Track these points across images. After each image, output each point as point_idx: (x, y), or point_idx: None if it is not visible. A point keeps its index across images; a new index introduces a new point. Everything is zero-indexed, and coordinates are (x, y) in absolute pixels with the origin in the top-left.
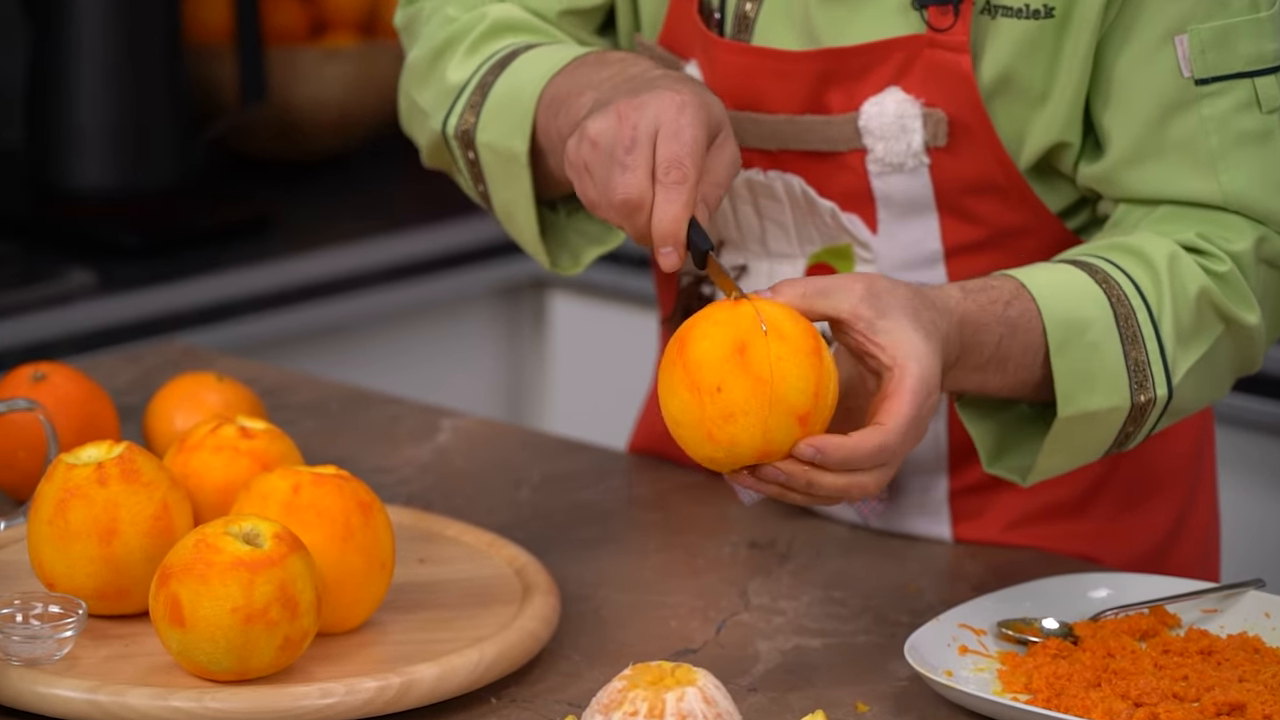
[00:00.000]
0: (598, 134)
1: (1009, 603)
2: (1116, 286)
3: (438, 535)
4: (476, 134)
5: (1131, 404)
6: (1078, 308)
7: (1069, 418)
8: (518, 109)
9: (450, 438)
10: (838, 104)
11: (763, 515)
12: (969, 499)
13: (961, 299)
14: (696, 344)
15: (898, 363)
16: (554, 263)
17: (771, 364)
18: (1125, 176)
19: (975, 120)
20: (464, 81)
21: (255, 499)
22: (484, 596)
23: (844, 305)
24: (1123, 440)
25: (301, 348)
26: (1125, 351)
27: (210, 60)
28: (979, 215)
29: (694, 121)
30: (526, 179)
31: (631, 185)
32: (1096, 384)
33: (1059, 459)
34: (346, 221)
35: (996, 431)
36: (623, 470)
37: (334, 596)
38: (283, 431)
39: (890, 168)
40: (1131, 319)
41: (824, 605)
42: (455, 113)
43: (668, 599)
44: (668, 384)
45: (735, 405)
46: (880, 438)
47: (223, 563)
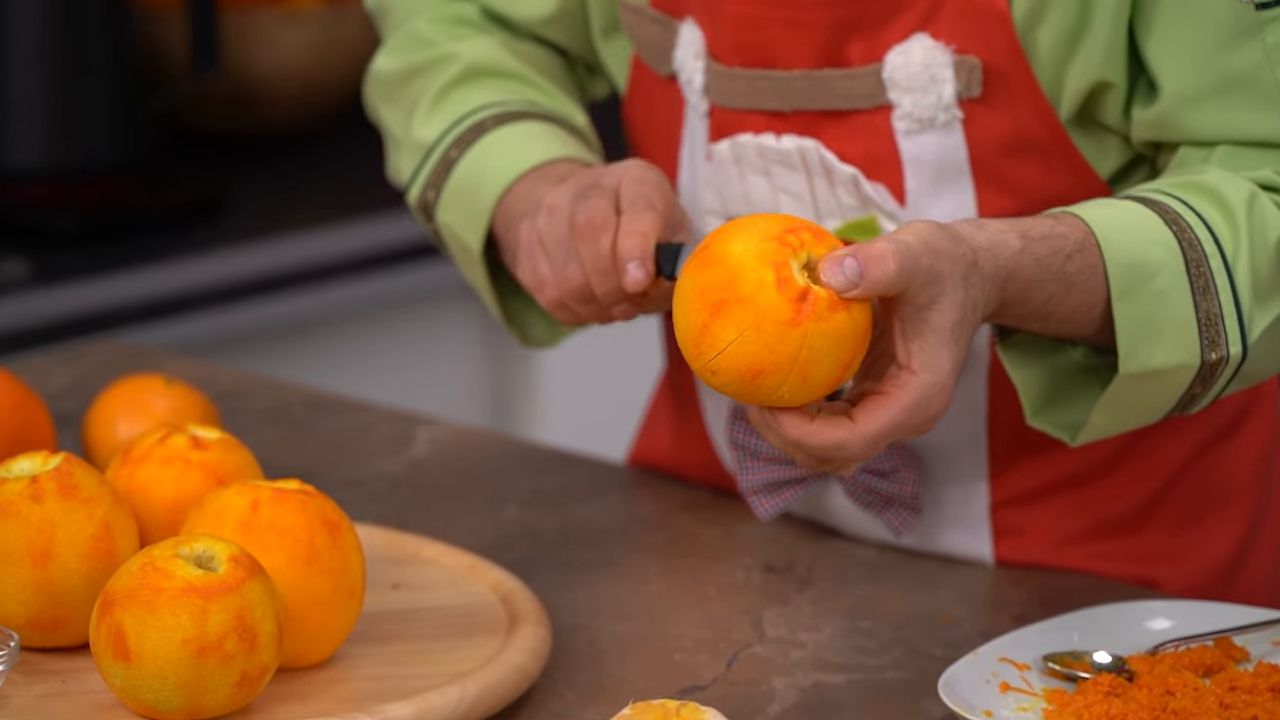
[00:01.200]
0: (557, 199)
1: (1056, 634)
2: (1188, 229)
3: (413, 558)
4: (436, 212)
5: (1201, 361)
6: (1144, 251)
7: (1131, 374)
8: (475, 205)
9: (427, 448)
10: (858, 55)
11: (779, 536)
12: (1012, 512)
13: (1018, 251)
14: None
15: (911, 365)
16: (526, 338)
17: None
18: (1183, 117)
19: (1012, 66)
20: (430, 144)
21: (209, 517)
22: (465, 626)
23: (906, 289)
24: (1187, 402)
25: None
26: (1196, 302)
27: (157, 24)
28: (1018, 182)
29: (659, 179)
30: (482, 274)
31: (593, 208)
32: (1163, 337)
33: (1114, 417)
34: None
35: (1044, 380)
36: (621, 485)
37: (297, 626)
38: (239, 441)
39: (920, 124)
40: (1204, 265)
41: (848, 637)
42: (417, 183)
43: (672, 630)
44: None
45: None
46: (842, 435)
47: (172, 589)
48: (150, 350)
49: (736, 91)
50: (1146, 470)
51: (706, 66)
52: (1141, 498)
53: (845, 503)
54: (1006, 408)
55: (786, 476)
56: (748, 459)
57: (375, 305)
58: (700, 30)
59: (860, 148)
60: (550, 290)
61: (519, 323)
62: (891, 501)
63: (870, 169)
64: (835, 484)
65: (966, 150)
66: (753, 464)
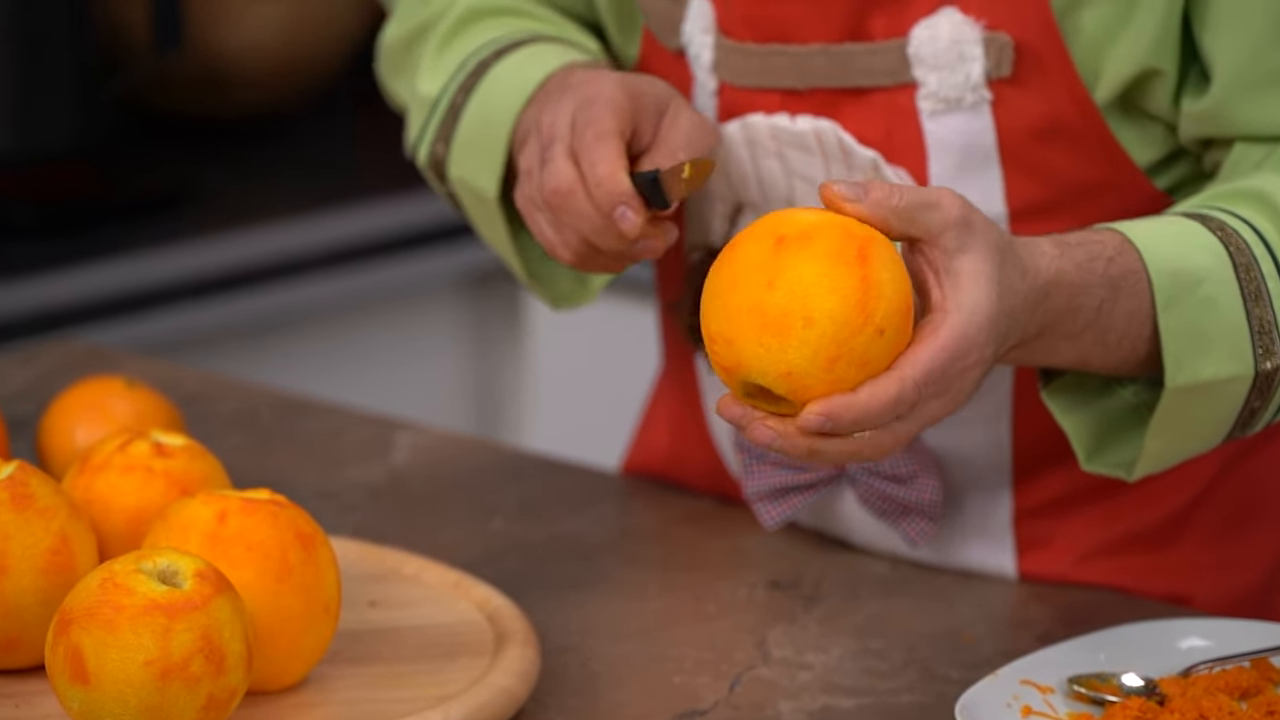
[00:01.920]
0: (527, 161)
1: (1082, 654)
2: (1235, 235)
3: (392, 573)
4: (448, 166)
5: (1256, 372)
6: (1187, 256)
7: (1180, 389)
8: (489, 145)
9: (407, 456)
10: (882, 29)
11: (785, 549)
12: (1037, 523)
13: (1056, 256)
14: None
15: (945, 306)
16: (554, 295)
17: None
18: (1238, 109)
19: (1046, 45)
20: (435, 97)
21: (173, 530)
22: (448, 647)
23: (932, 227)
24: (1247, 419)
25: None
26: (1247, 309)
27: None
28: (1049, 168)
29: (609, 87)
30: (500, 221)
31: (554, 172)
32: (1213, 346)
33: (1169, 442)
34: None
35: (1094, 423)
36: (616, 495)
37: (268, 647)
38: (205, 448)
39: (946, 104)
40: (1254, 269)
41: (859, 658)
42: (426, 140)
43: (671, 650)
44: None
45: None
46: (895, 389)
47: (134, 607)
48: (111, 350)
49: (748, 69)
50: (1179, 479)
51: (716, 42)
52: (1174, 508)
53: (856, 511)
54: (1032, 412)
55: (795, 482)
56: (754, 463)
57: (352, 302)
58: (710, 3)
59: (881, 129)
60: (562, 252)
61: (544, 281)
62: (909, 510)
63: (891, 152)
64: (846, 491)
65: (995, 134)
66: (759, 468)
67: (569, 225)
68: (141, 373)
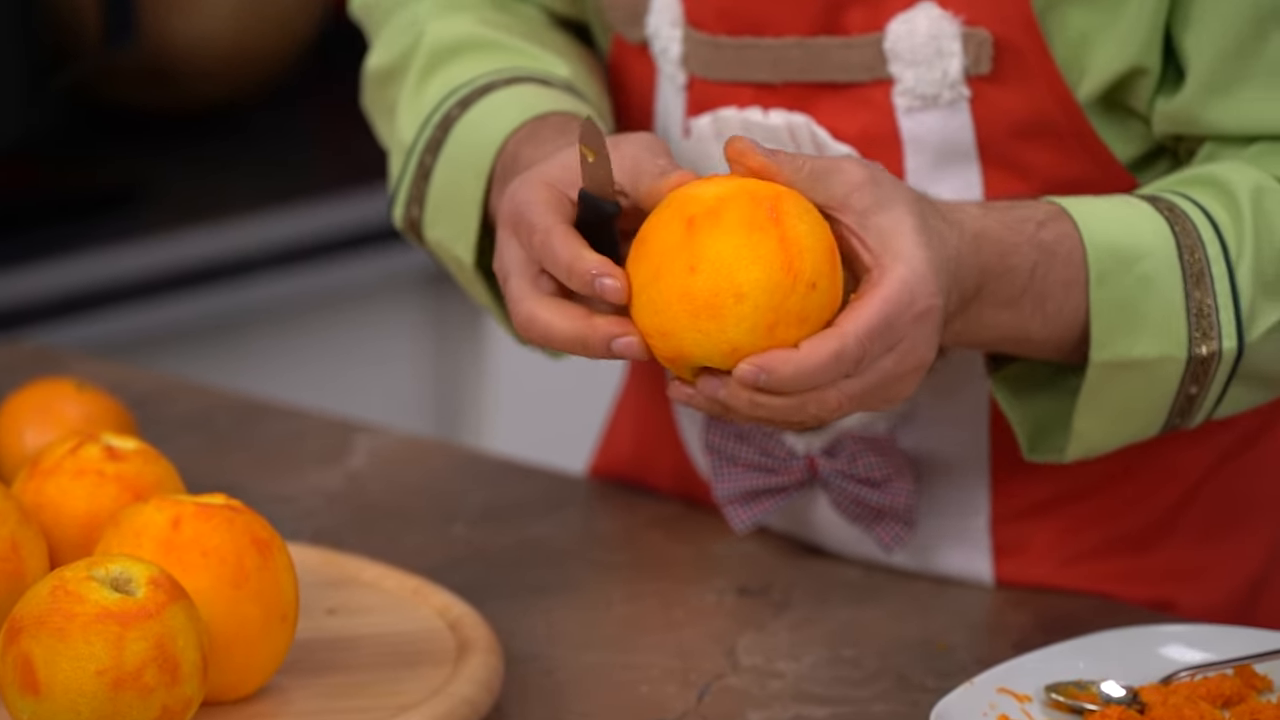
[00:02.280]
0: (501, 242)
1: (1060, 662)
2: (1184, 216)
3: (351, 580)
4: (424, 230)
5: (1189, 355)
6: (1128, 233)
7: (1107, 363)
8: (460, 209)
9: (366, 459)
10: (858, 22)
11: (755, 555)
12: (1015, 527)
13: (980, 215)
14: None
15: (880, 262)
16: (553, 353)
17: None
18: (1210, 108)
19: (1027, 41)
20: (409, 146)
21: (126, 535)
22: (409, 656)
23: (837, 192)
24: (1184, 406)
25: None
26: (1187, 291)
27: None
28: (1029, 166)
29: (533, 195)
30: (481, 287)
31: (519, 314)
32: (1145, 325)
33: (1101, 423)
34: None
35: (1037, 415)
36: (581, 500)
37: (224, 656)
38: (158, 452)
39: (922, 101)
40: (1199, 252)
41: (831, 666)
42: (399, 201)
43: (637, 659)
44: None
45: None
46: (836, 344)
47: (86, 615)
48: (60, 352)
49: (720, 62)
50: (1162, 481)
51: (685, 35)
52: (1156, 512)
53: (829, 515)
54: None
55: (765, 484)
56: (724, 465)
57: (309, 301)
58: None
59: (856, 125)
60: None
61: None
62: (882, 514)
63: (866, 148)
64: (818, 494)
65: (973, 131)
66: (729, 470)
67: None
68: (92, 374)
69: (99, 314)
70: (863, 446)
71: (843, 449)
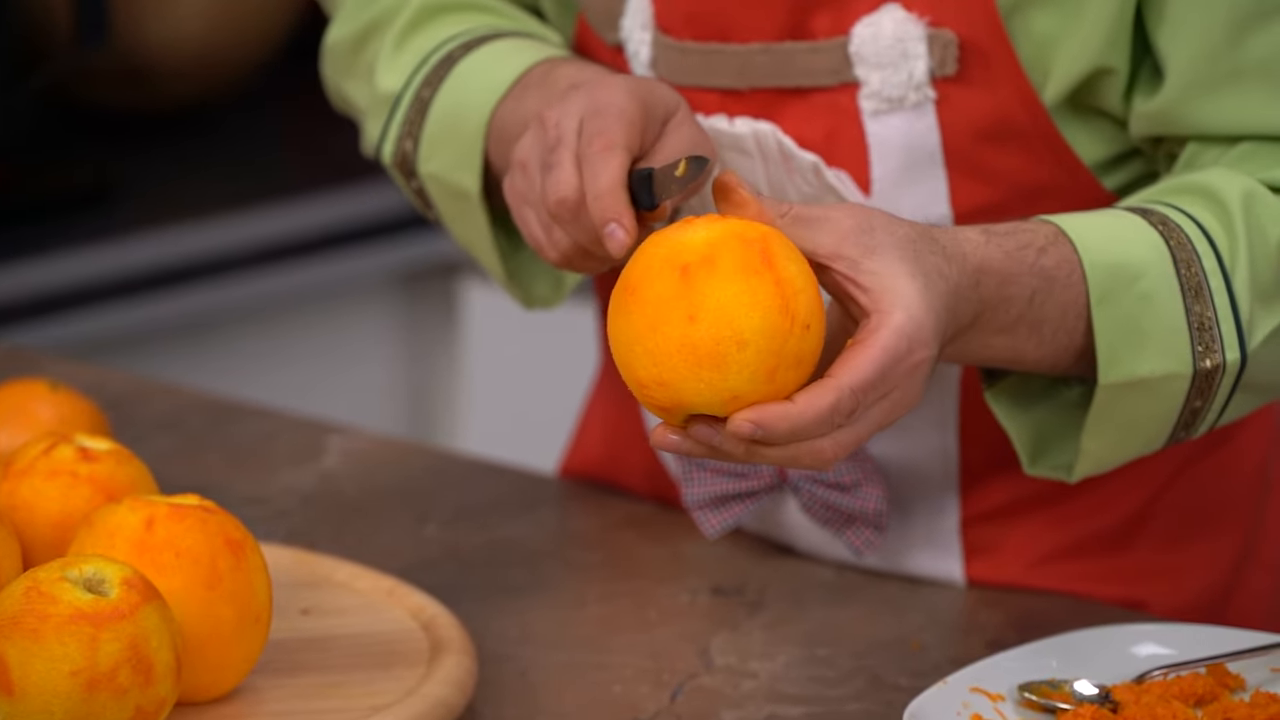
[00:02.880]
0: (524, 153)
1: (1033, 661)
2: (1177, 229)
3: (325, 580)
4: (418, 164)
5: (1194, 370)
6: (1125, 252)
7: (1114, 385)
8: (463, 139)
9: (339, 460)
10: (823, 27)
11: (728, 555)
12: (985, 529)
13: (983, 243)
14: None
15: (879, 308)
16: (530, 297)
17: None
18: (1192, 109)
19: (992, 42)
20: (396, 93)
21: (99, 536)
22: (383, 656)
23: (825, 241)
24: (1189, 420)
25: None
26: (1187, 306)
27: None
28: (995, 170)
29: (622, 96)
30: (482, 217)
31: (560, 181)
32: (1149, 343)
33: (1108, 442)
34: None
35: (1037, 425)
36: (554, 500)
37: (197, 656)
38: (132, 453)
39: (888, 104)
40: (1195, 265)
41: (805, 666)
42: (390, 138)
43: (611, 659)
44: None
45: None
46: (832, 397)
47: (59, 615)
48: (32, 352)
49: (687, 67)
50: (1133, 482)
51: (654, 39)
52: (1127, 512)
53: (801, 518)
54: (979, 419)
55: (736, 489)
56: (694, 470)
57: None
58: (649, 0)
59: (822, 130)
60: (549, 253)
61: (521, 281)
62: (853, 519)
63: (832, 154)
64: (789, 498)
65: (939, 134)
66: (699, 475)
67: (564, 231)
68: (65, 375)
69: (72, 314)
70: None
71: None
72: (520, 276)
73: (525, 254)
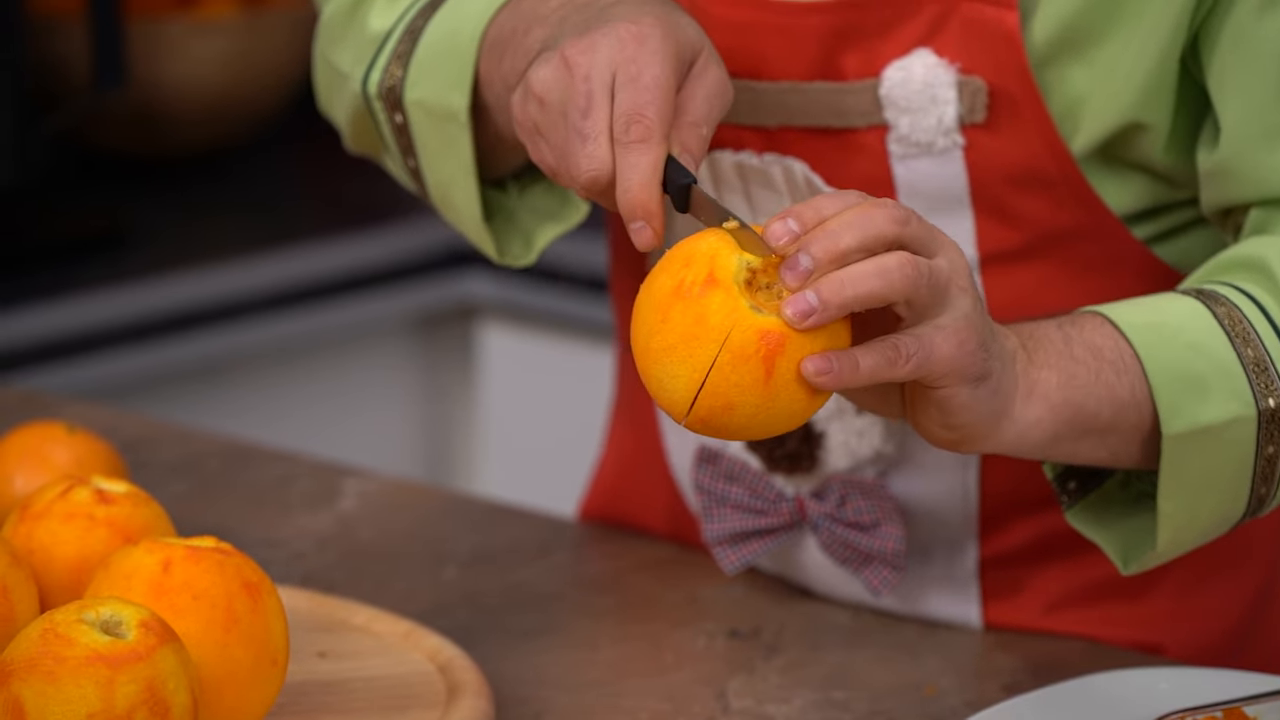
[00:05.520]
0: (545, 88)
1: (1049, 705)
2: (1214, 293)
3: (341, 623)
4: (405, 91)
5: (1258, 411)
6: (1158, 311)
7: (1180, 435)
8: (454, 57)
9: (356, 503)
10: (854, 68)
11: (745, 598)
12: (1003, 572)
13: (1019, 324)
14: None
15: None
16: (502, 251)
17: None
18: (1251, 163)
19: (1021, 91)
20: (389, 28)
21: (116, 579)
22: (399, 699)
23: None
24: (1267, 470)
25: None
26: (1237, 350)
27: (55, 34)
28: (1022, 214)
29: (656, 56)
30: (467, 143)
31: (596, 159)
32: (1206, 388)
33: (1183, 500)
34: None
35: (1123, 536)
36: (570, 543)
37: (214, 698)
38: (149, 495)
39: (917, 148)
40: (1236, 314)
41: (821, 709)
42: (378, 66)
43: (625, 702)
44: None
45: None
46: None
47: (76, 658)
48: (48, 396)
49: None
50: None
51: None
52: None
53: (818, 558)
54: (1000, 461)
55: (755, 526)
56: (714, 506)
57: (297, 345)
58: None
59: (850, 171)
60: (563, 181)
61: (497, 232)
62: (871, 559)
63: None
64: (808, 538)
65: (967, 179)
66: (719, 511)
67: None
68: (82, 418)
69: (86, 358)
70: (852, 489)
71: (831, 492)
72: (496, 226)
73: (496, 208)
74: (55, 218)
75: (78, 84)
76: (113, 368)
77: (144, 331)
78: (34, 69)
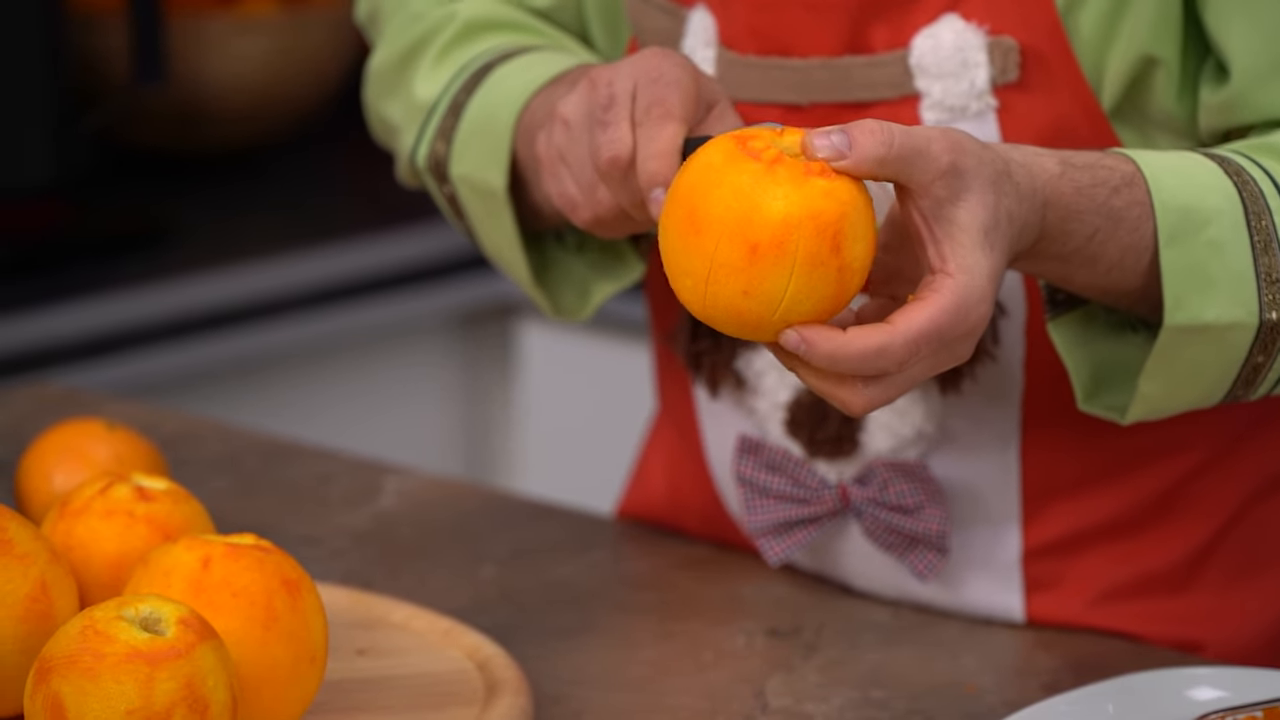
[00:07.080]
0: (570, 109)
1: (1090, 704)
2: (1251, 181)
3: (381, 621)
4: (450, 166)
5: (1260, 321)
6: (1199, 197)
7: (1179, 328)
8: (492, 137)
9: (395, 500)
10: (883, 40)
11: (784, 597)
12: (1047, 562)
13: (1057, 176)
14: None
15: (946, 269)
16: (557, 307)
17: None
18: (1262, 94)
19: (1052, 47)
20: (434, 100)
21: (155, 576)
22: (438, 696)
23: (919, 179)
24: (1249, 375)
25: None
26: (1255, 258)
27: (96, 31)
28: None
29: (678, 69)
30: (508, 218)
31: (616, 140)
32: (1216, 289)
33: (1165, 386)
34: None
35: (1096, 363)
36: (610, 541)
37: (253, 695)
38: (188, 492)
39: (950, 113)
40: (1266, 219)
41: (860, 708)
42: (425, 140)
43: (665, 700)
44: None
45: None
46: (882, 339)
47: (115, 654)
48: (88, 393)
49: (749, 82)
50: (1196, 518)
51: (718, 55)
52: (1188, 551)
53: (861, 548)
54: (1041, 439)
55: (798, 515)
56: (756, 497)
57: (336, 343)
58: (712, 16)
59: None
60: (584, 212)
61: (548, 287)
62: (916, 542)
63: None
64: (851, 526)
65: (1001, 141)
66: (761, 503)
67: (609, 190)
68: (121, 415)
69: (126, 356)
70: (894, 474)
71: (874, 477)
72: (546, 283)
73: (552, 261)
74: (94, 215)
75: (117, 81)
76: (151, 365)
77: (183, 329)
78: (74, 66)
